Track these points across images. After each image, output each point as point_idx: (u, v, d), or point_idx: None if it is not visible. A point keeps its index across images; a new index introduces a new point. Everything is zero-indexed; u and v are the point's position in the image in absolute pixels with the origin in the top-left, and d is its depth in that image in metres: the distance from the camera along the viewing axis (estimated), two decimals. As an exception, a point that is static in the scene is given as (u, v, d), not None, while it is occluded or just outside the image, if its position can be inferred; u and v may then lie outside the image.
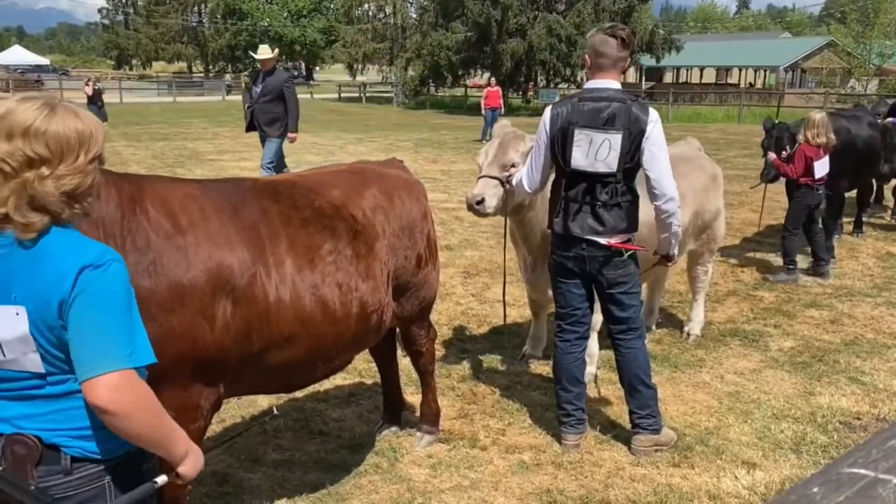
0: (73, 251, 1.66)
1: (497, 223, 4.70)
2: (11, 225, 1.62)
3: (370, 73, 58.92)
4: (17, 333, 1.64)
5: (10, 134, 1.59)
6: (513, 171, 4.15)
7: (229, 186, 2.91)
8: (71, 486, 1.72)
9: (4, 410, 1.73)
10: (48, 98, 1.69)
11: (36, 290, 1.63)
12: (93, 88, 19.78)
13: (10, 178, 1.59)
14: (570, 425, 3.99)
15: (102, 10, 76.64)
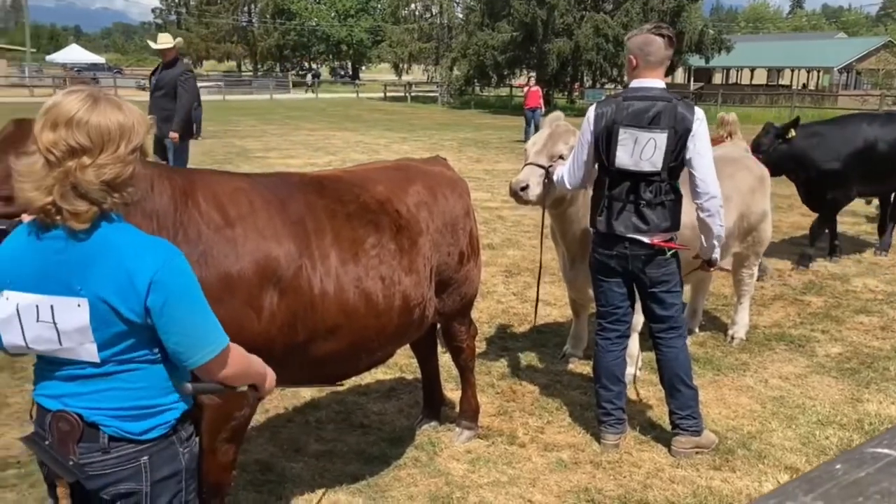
0: (140, 248, 1.74)
1: (539, 222, 4.70)
2: (61, 216, 1.69)
3: (415, 72, 59.17)
4: (77, 324, 1.71)
5: (55, 124, 1.67)
6: (559, 162, 4.16)
7: (277, 181, 2.99)
8: (108, 464, 1.79)
9: (54, 389, 1.82)
10: (93, 91, 1.75)
11: (99, 284, 1.70)
12: None
13: (54, 167, 1.67)
14: (609, 424, 3.98)
15: (156, 10, 78.42)
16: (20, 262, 1.76)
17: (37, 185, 1.67)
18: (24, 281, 1.74)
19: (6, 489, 3.44)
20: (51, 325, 1.72)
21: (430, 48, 47.88)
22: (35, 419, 1.88)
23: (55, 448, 1.79)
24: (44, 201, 1.67)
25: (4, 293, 1.76)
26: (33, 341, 1.76)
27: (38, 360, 1.87)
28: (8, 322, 1.76)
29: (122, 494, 1.82)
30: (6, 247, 1.82)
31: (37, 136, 1.68)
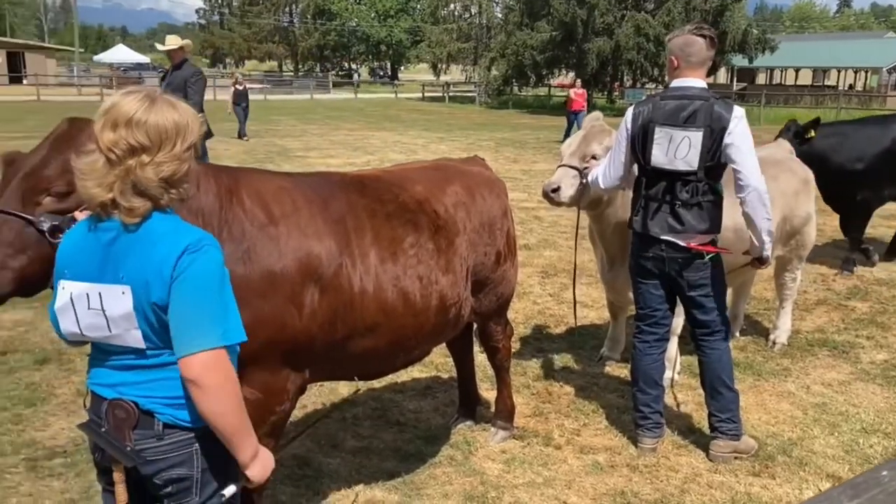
0: (175, 236, 1.79)
1: (576, 223, 4.68)
2: (118, 211, 1.76)
3: (453, 72, 59.23)
4: (122, 311, 1.78)
5: (115, 124, 1.73)
6: (593, 163, 4.13)
7: (319, 180, 3.03)
8: (162, 450, 1.85)
9: (109, 377, 1.89)
10: (149, 91, 1.82)
11: (140, 271, 1.76)
12: (236, 90, 20.42)
13: (115, 165, 1.73)
14: (646, 428, 3.95)
15: (200, 10, 79.80)
16: (76, 253, 1.84)
17: (99, 183, 1.73)
18: (78, 271, 1.82)
19: (53, 477, 3.54)
20: (100, 312, 1.79)
21: (469, 48, 47.87)
22: (90, 407, 1.94)
23: (112, 434, 1.85)
24: (105, 197, 1.74)
25: (61, 283, 1.84)
26: (87, 329, 1.83)
27: (93, 350, 1.94)
28: (64, 310, 1.83)
29: (173, 480, 1.87)
30: (67, 239, 1.90)
31: (97, 135, 1.74)
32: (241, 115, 20.25)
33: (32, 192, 2.23)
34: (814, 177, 5.44)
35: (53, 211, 2.23)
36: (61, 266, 1.87)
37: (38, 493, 3.41)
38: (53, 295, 1.90)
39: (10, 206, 2.22)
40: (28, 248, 2.22)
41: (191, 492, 1.90)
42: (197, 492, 1.91)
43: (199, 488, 1.90)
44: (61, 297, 1.84)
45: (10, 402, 4.32)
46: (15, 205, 2.23)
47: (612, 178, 3.88)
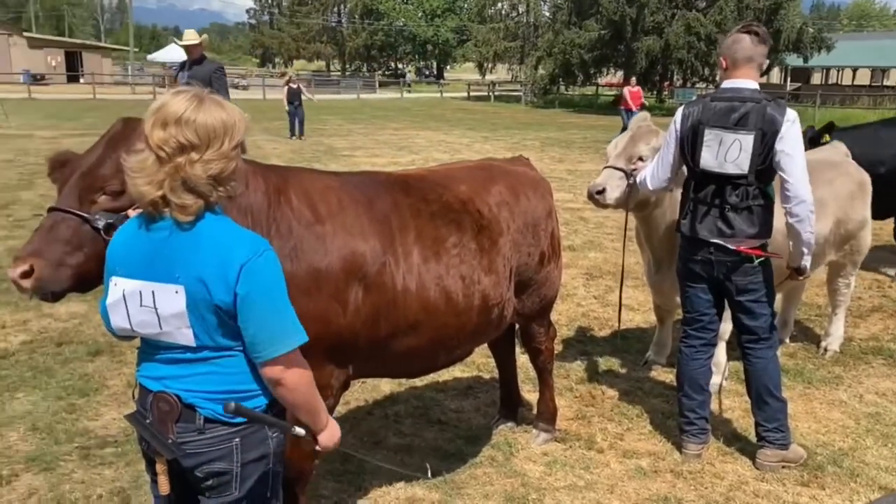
0: (232, 242, 1.82)
1: (623, 224, 4.63)
2: (170, 209, 1.80)
3: (499, 71, 59.08)
4: (175, 310, 1.82)
5: (165, 123, 1.77)
6: (640, 164, 4.08)
7: (365, 179, 3.06)
8: (203, 444, 1.89)
9: (155, 370, 1.93)
10: (198, 91, 1.85)
11: (195, 272, 1.79)
12: (289, 88, 20.44)
13: (165, 163, 1.77)
14: (691, 434, 3.89)
15: (250, 10, 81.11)
16: (128, 250, 1.88)
17: (149, 180, 1.78)
18: (130, 268, 1.86)
19: (104, 466, 3.64)
20: (152, 309, 1.83)
21: (516, 47, 47.70)
22: (137, 399, 2.00)
23: (155, 426, 1.90)
24: (155, 195, 1.78)
25: (113, 279, 1.89)
26: (138, 325, 1.88)
27: (142, 343, 1.99)
28: (116, 306, 1.89)
29: (214, 473, 1.91)
30: (118, 237, 1.95)
31: (147, 134, 1.78)
32: (294, 114, 20.25)
33: (88, 190, 2.30)
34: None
35: (108, 209, 2.29)
36: (113, 262, 1.91)
37: (90, 481, 3.51)
38: (104, 290, 1.95)
39: (68, 205, 2.29)
40: (84, 245, 2.28)
41: (231, 486, 1.94)
42: (237, 486, 1.94)
43: (238, 483, 1.94)
44: (113, 293, 1.89)
45: (64, 391, 4.46)
46: (72, 203, 2.29)
47: (660, 180, 3.83)
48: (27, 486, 3.45)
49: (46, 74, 48.89)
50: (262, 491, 1.99)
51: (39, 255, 2.24)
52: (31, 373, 4.72)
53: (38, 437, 3.90)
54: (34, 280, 2.23)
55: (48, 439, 3.88)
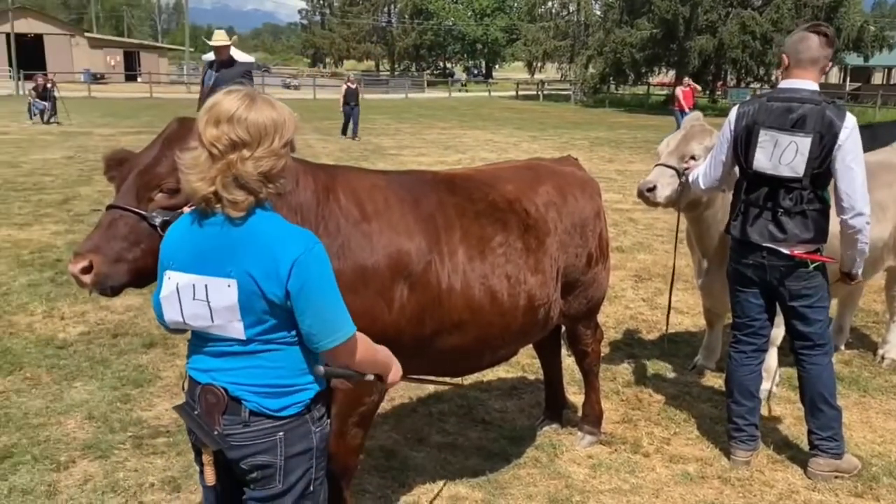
0: (283, 237, 1.86)
1: (674, 226, 4.56)
2: (221, 205, 1.85)
3: (548, 70, 58.70)
4: (227, 303, 1.86)
5: (218, 121, 1.82)
6: (692, 163, 4.01)
7: (411, 178, 3.08)
8: (248, 436, 1.92)
9: (204, 363, 1.98)
10: (249, 90, 1.90)
11: (249, 267, 1.83)
12: (347, 88, 20.55)
13: (217, 160, 1.82)
14: (740, 440, 3.81)
15: (302, 10, 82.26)
16: (181, 245, 1.93)
17: (201, 177, 1.82)
18: (183, 262, 1.91)
19: (156, 455, 3.74)
20: (204, 303, 1.88)
21: (566, 46, 47.31)
22: (186, 390, 2.05)
23: (202, 418, 1.94)
24: (207, 191, 1.83)
25: (167, 273, 1.94)
26: (190, 318, 1.92)
27: (192, 336, 2.04)
28: (169, 299, 1.93)
29: (258, 466, 1.95)
30: (172, 232, 2.00)
31: (200, 131, 1.83)
32: (350, 113, 20.30)
33: (146, 188, 2.36)
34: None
35: (164, 207, 2.35)
36: (167, 257, 1.96)
37: (142, 469, 3.61)
38: (158, 284, 2.01)
39: (126, 202, 2.36)
40: (141, 241, 2.35)
41: (274, 479, 1.97)
42: (280, 479, 1.97)
43: (282, 476, 1.97)
44: (167, 286, 1.94)
45: (119, 382, 4.59)
46: (130, 201, 2.36)
47: (712, 180, 3.76)
48: (83, 473, 3.56)
49: (106, 73, 50.40)
50: (304, 484, 2.02)
51: (98, 252, 2.31)
52: (88, 363, 4.87)
53: (93, 426, 4.02)
54: (93, 275, 2.30)
55: (103, 428, 4.00)
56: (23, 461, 3.63)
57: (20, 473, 3.52)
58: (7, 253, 7.43)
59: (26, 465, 3.59)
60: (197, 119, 1.88)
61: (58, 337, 5.29)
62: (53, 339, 5.26)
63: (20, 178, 11.98)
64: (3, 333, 5.31)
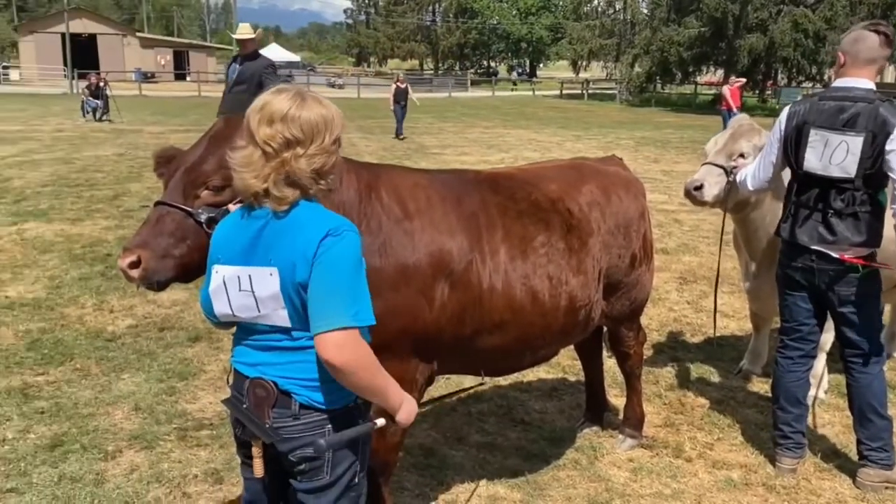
0: (319, 221, 1.89)
1: (720, 227, 4.48)
2: (268, 199, 1.89)
3: (594, 69, 58.20)
4: (270, 291, 1.89)
5: (271, 120, 1.86)
6: (740, 161, 3.93)
7: (453, 177, 3.08)
8: (297, 429, 1.95)
9: (251, 357, 2.01)
10: (298, 89, 1.93)
11: (288, 254, 1.87)
12: (397, 88, 20.51)
13: (271, 158, 1.86)
14: (786, 448, 3.72)
15: (347, 10, 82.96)
16: (229, 240, 1.99)
17: (255, 174, 1.87)
18: (230, 256, 1.96)
19: (200, 447, 3.81)
20: (249, 293, 1.92)
21: (611, 45, 46.85)
22: (232, 384, 2.08)
23: (252, 411, 1.97)
24: (259, 188, 1.87)
25: (215, 267, 1.99)
26: (238, 309, 1.96)
27: (238, 330, 2.07)
28: (218, 292, 1.98)
29: (306, 458, 1.97)
30: (220, 228, 2.06)
31: (254, 131, 1.87)
32: (400, 113, 20.26)
33: (192, 186, 2.41)
34: None
35: (210, 204, 2.40)
36: (215, 252, 2.02)
37: (186, 461, 3.68)
38: (206, 279, 2.05)
39: (173, 199, 2.41)
40: (188, 237, 2.39)
41: (322, 471, 1.99)
42: (328, 471, 1.99)
43: (329, 468, 1.99)
44: (215, 280, 1.99)
45: (165, 374, 4.69)
46: (177, 198, 2.41)
47: (761, 180, 3.68)
48: (129, 463, 3.65)
49: (156, 72, 51.51)
50: (350, 477, 2.04)
51: (146, 247, 2.36)
52: (136, 355, 4.98)
53: (140, 417, 4.11)
54: (141, 270, 2.35)
55: (149, 419, 4.09)
56: (72, 450, 3.73)
57: (69, 462, 3.62)
58: (60, 247, 7.65)
59: (76, 454, 3.69)
60: (246, 118, 1.91)
61: (107, 329, 5.43)
62: (103, 331, 5.39)
63: (73, 175, 12.31)
64: (56, 325, 5.47)
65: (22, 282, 6.46)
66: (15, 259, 7.13)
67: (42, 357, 4.87)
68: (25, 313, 5.68)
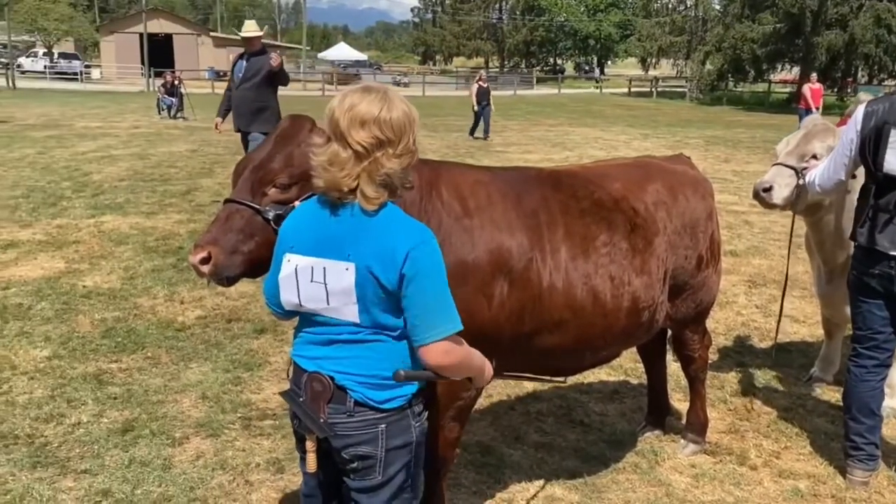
0: (401, 228, 1.92)
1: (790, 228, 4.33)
2: (355, 197, 1.91)
3: (663, 67, 57.08)
4: (344, 286, 1.92)
5: (363, 122, 1.88)
6: (812, 163, 3.79)
7: (515, 174, 3.06)
8: (351, 426, 1.97)
9: (311, 351, 2.04)
10: (383, 88, 1.95)
11: (368, 253, 1.90)
12: (479, 87, 19.78)
13: (363, 158, 1.88)
14: (858, 459, 3.58)
15: (414, 9, 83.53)
16: (302, 230, 2.02)
17: (346, 174, 1.89)
18: (304, 246, 1.99)
19: (263, 437, 3.90)
20: (321, 284, 1.95)
21: (682, 42, 45.87)
22: (291, 377, 2.12)
23: (308, 405, 2.00)
24: (350, 186, 1.90)
25: (287, 255, 2.02)
26: (306, 300, 1.99)
27: (300, 323, 2.11)
28: (287, 280, 2.01)
29: (360, 456, 1.99)
30: (292, 219, 2.09)
31: (345, 132, 1.88)
32: (482, 113, 19.50)
33: (260, 183, 2.48)
34: None
35: (277, 201, 2.46)
36: (287, 241, 2.04)
37: (249, 450, 3.77)
38: (273, 268, 2.09)
39: (241, 197, 2.49)
40: (256, 234, 2.46)
41: (374, 470, 2.00)
42: (380, 471, 2.01)
43: (381, 468, 2.00)
44: (286, 268, 2.01)
45: (232, 365, 4.82)
46: (245, 195, 2.49)
47: (831, 182, 3.54)
48: (196, 449, 3.76)
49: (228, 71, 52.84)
50: (403, 477, 2.05)
51: (216, 244, 2.44)
52: (204, 346, 5.14)
53: (206, 406, 4.24)
54: (211, 266, 2.43)
55: (215, 408, 4.21)
56: (142, 435, 3.87)
57: (139, 446, 3.76)
58: (135, 239, 7.94)
59: (145, 439, 3.83)
60: (332, 118, 1.92)
61: (177, 320, 5.61)
62: (173, 321, 5.58)
63: (148, 170, 12.76)
64: (129, 315, 5.68)
65: (99, 272, 6.73)
66: (93, 250, 7.44)
67: (116, 345, 5.07)
68: (101, 303, 5.92)
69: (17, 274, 6.57)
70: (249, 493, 3.41)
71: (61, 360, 4.78)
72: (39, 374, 4.56)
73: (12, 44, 41.25)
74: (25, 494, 3.32)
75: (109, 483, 3.44)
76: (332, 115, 1.91)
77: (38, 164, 12.73)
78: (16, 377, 4.52)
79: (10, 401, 4.21)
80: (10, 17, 44.23)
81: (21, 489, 3.36)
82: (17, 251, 7.30)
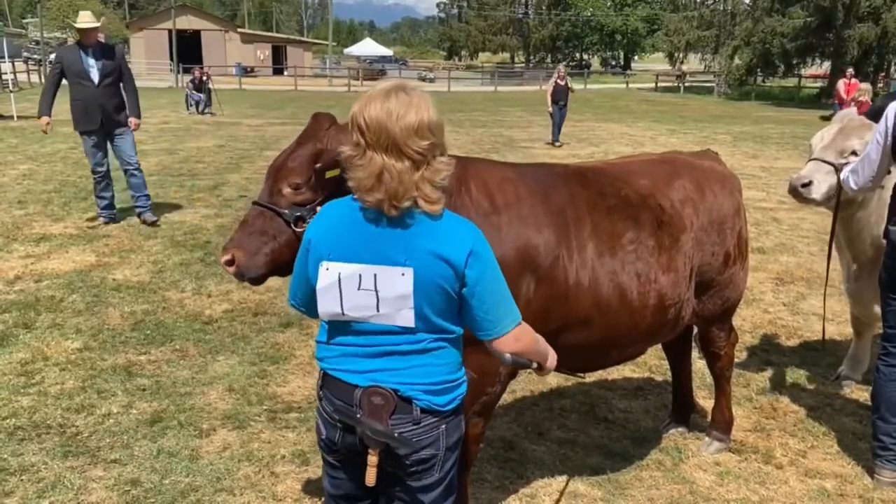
0: (455, 227, 1.91)
1: (821, 227, 4.28)
2: (410, 203, 1.84)
3: (691, 62, 56.42)
4: (400, 292, 1.86)
5: (417, 129, 1.82)
6: (852, 159, 3.73)
7: (542, 171, 3.06)
8: (416, 433, 1.95)
9: (360, 365, 1.95)
10: (403, 86, 1.89)
11: (423, 257, 1.85)
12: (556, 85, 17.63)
13: (421, 165, 1.84)
14: (886, 460, 3.53)
15: (440, 4, 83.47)
16: (339, 236, 1.91)
17: (407, 184, 1.82)
18: (345, 253, 1.89)
19: (288, 429, 3.95)
20: (372, 292, 1.88)
21: (710, 36, 45.29)
22: (331, 392, 2.00)
23: (367, 420, 1.93)
24: (412, 196, 1.83)
25: (324, 264, 1.91)
26: (350, 308, 1.90)
27: (333, 334, 2.00)
28: (328, 290, 1.91)
29: (422, 459, 1.98)
30: (322, 225, 1.97)
31: (399, 143, 1.81)
32: (558, 116, 17.43)
33: (276, 184, 2.53)
34: None
35: (294, 202, 2.50)
36: (321, 248, 1.93)
37: (275, 442, 3.82)
38: (297, 272, 2.05)
39: (264, 199, 2.55)
40: (277, 236, 2.53)
41: (433, 469, 2.01)
42: (438, 469, 2.02)
43: (440, 466, 2.01)
44: (326, 277, 1.91)
45: (258, 358, 4.87)
46: (266, 197, 2.54)
47: (865, 179, 3.49)
48: (222, 441, 3.82)
49: (255, 67, 53.30)
50: (454, 473, 2.08)
51: (240, 247, 2.54)
52: (231, 339, 5.20)
53: (233, 398, 4.29)
54: (235, 267, 2.54)
55: (242, 400, 4.26)
56: (170, 426, 3.93)
57: (167, 437, 3.82)
58: (163, 233, 8.05)
59: (173, 430, 3.89)
60: (380, 127, 1.81)
61: (204, 313, 5.68)
62: (200, 315, 5.65)
63: (176, 165, 12.90)
64: (158, 308, 5.77)
65: (128, 266, 6.84)
66: (122, 244, 7.55)
67: (145, 337, 5.16)
68: (131, 296, 6.02)
69: (49, 267, 6.70)
70: (275, 484, 3.45)
71: (92, 352, 4.87)
72: (71, 366, 4.66)
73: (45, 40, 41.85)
74: (57, 483, 3.40)
75: (138, 473, 3.50)
76: (375, 126, 1.81)
77: (69, 159, 12.93)
78: (48, 368, 4.61)
79: (42, 391, 4.30)
80: (43, 14, 44.91)
81: (53, 477, 3.43)
82: (50, 245, 7.44)
